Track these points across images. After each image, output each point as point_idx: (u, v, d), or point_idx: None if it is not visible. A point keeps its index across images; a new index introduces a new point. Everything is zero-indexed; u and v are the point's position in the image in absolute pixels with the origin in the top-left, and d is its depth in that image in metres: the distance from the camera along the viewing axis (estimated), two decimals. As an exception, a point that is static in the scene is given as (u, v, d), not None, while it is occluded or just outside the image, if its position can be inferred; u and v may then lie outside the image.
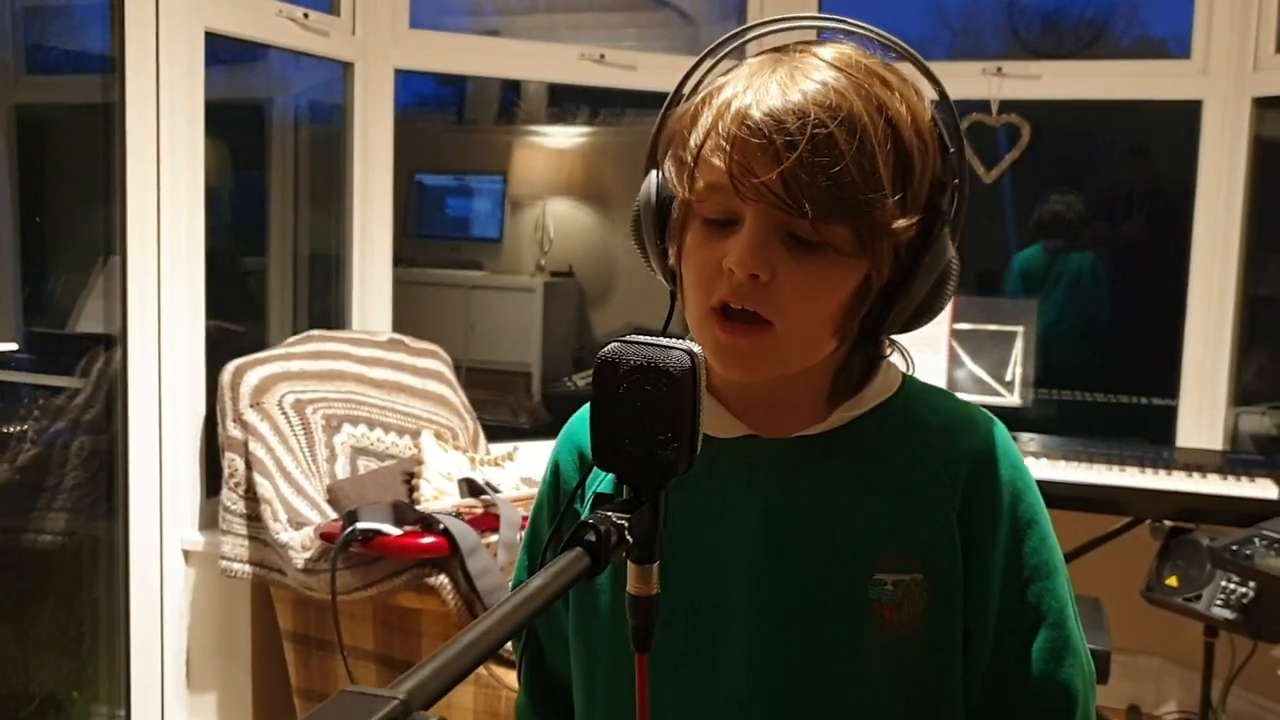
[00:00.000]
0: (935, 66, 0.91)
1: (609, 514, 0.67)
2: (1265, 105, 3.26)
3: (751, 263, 0.82)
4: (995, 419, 0.95)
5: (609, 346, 0.71)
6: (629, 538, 0.67)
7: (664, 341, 0.70)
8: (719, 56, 0.91)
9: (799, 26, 0.91)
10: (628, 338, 0.71)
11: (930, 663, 0.89)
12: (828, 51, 0.86)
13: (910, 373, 0.97)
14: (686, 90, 0.91)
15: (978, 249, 4.58)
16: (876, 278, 0.86)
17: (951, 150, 0.88)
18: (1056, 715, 0.91)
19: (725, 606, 0.91)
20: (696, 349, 0.70)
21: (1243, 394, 3.48)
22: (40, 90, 2.99)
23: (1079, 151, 4.62)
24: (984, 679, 0.90)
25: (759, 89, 0.83)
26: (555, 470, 1.03)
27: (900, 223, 0.84)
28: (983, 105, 3.49)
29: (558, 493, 1.02)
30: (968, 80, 3.47)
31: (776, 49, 0.88)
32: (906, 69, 0.90)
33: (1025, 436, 3.17)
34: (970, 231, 0.91)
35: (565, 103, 5.25)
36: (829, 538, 0.90)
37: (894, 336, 0.94)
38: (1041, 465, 2.98)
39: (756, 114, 0.81)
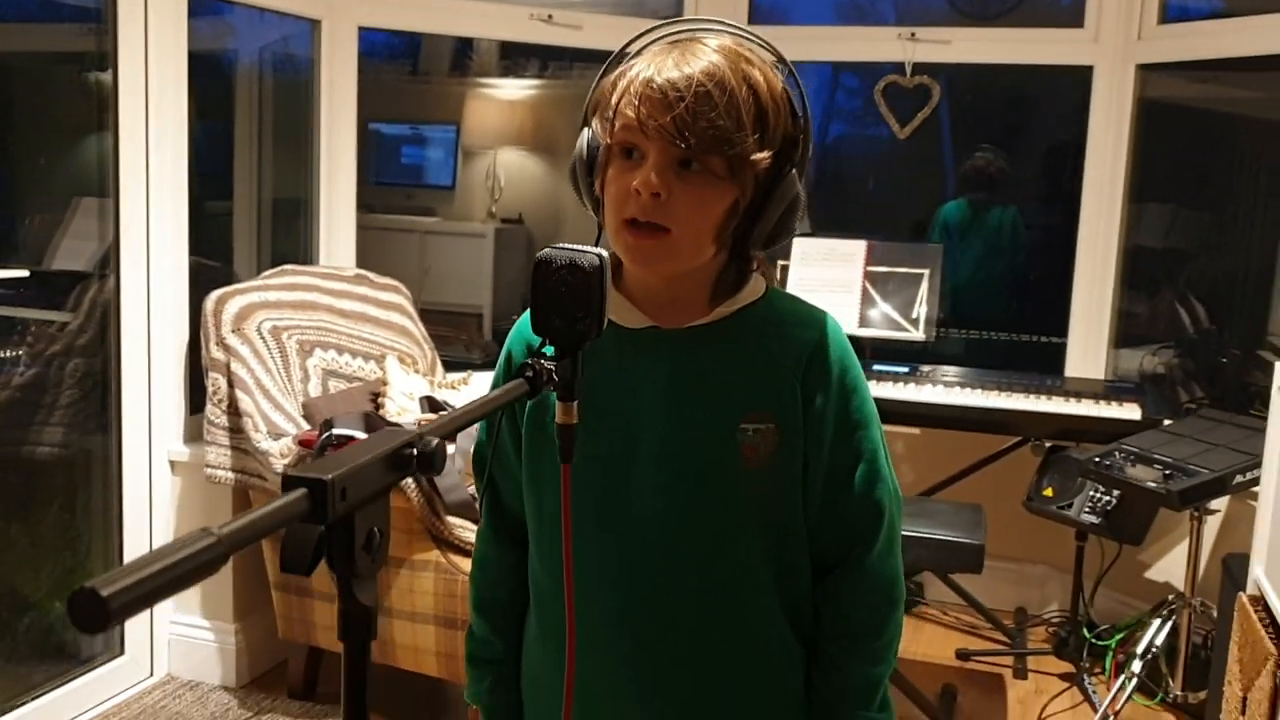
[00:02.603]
0: (855, 30, 1.24)
1: (542, 360, 0.99)
2: (1148, 70, 3.63)
3: (653, 183, 1.15)
4: (832, 318, 1.29)
5: (544, 251, 1.03)
6: (555, 378, 0.99)
7: (582, 248, 1.03)
8: (636, 49, 1.23)
9: (698, 29, 1.23)
10: (558, 245, 1.03)
11: (780, 488, 1.24)
12: (712, 40, 1.20)
13: (774, 285, 1.31)
14: (618, 66, 1.23)
15: (916, 201, 4.92)
16: (743, 199, 1.19)
17: (799, 115, 1.21)
18: (870, 521, 1.26)
19: (638, 446, 1.24)
20: (605, 254, 1.02)
21: (1130, 335, 3.86)
22: (4, 38, 3.18)
23: (1011, 110, 4.97)
24: (819, 499, 1.25)
25: (659, 65, 1.17)
26: (508, 357, 1.36)
27: (757, 156, 1.17)
28: (898, 67, 3.83)
29: (509, 373, 1.34)
30: (885, 44, 3.80)
31: (675, 42, 1.21)
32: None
33: (928, 367, 3.52)
34: (909, 184, 1.25)
35: (516, 56, 5.49)
36: (710, 399, 1.24)
37: (762, 254, 1.28)
38: (939, 391, 3.34)
39: (658, 80, 1.15)
